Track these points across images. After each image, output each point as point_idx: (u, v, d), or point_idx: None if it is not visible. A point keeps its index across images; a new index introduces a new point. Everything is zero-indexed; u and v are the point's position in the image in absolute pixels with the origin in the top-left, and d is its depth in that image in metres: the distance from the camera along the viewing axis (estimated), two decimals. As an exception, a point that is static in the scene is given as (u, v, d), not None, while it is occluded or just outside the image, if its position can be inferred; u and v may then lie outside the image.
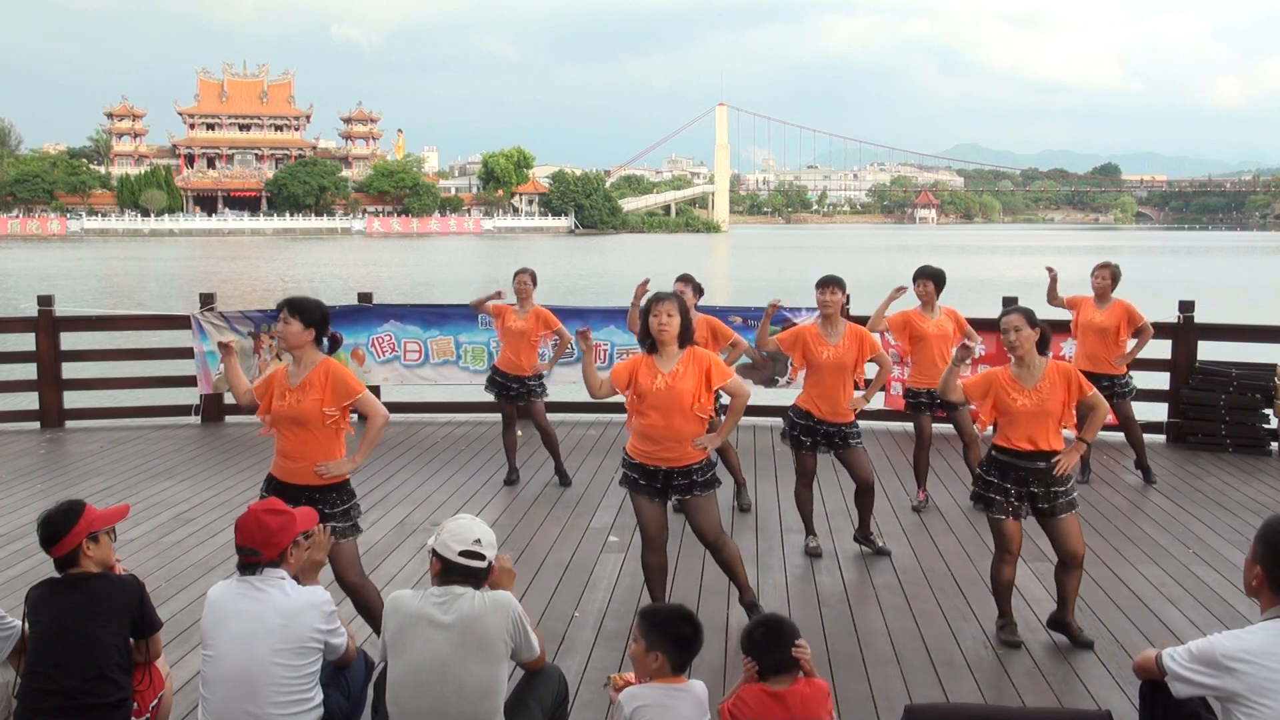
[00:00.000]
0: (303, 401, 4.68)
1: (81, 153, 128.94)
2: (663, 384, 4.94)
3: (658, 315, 4.95)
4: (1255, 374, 9.34)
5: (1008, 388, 5.00)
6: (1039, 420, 4.95)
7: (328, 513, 4.74)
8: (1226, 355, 10.04)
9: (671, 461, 5.01)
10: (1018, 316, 4.99)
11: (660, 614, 3.54)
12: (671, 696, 3.38)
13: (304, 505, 4.60)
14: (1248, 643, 3.02)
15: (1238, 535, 6.92)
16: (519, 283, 8.21)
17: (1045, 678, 4.80)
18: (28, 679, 3.55)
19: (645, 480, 5.07)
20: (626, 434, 5.22)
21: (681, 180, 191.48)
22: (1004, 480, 5.03)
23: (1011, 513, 5.04)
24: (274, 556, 3.62)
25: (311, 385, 4.70)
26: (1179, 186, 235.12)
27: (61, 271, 50.32)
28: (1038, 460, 4.97)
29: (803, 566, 6.35)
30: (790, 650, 3.42)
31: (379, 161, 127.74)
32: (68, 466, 8.95)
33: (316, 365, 4.75)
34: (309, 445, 4.72)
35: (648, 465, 5.05)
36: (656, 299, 5.04)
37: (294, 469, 4.75)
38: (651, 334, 4.98)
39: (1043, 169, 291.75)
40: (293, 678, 3.51)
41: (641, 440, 5.07)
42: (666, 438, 4.99)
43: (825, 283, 6.40)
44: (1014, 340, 4.96)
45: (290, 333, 4.72)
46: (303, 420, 4.69)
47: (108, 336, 14.67)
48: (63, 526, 3.65)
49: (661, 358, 5.01)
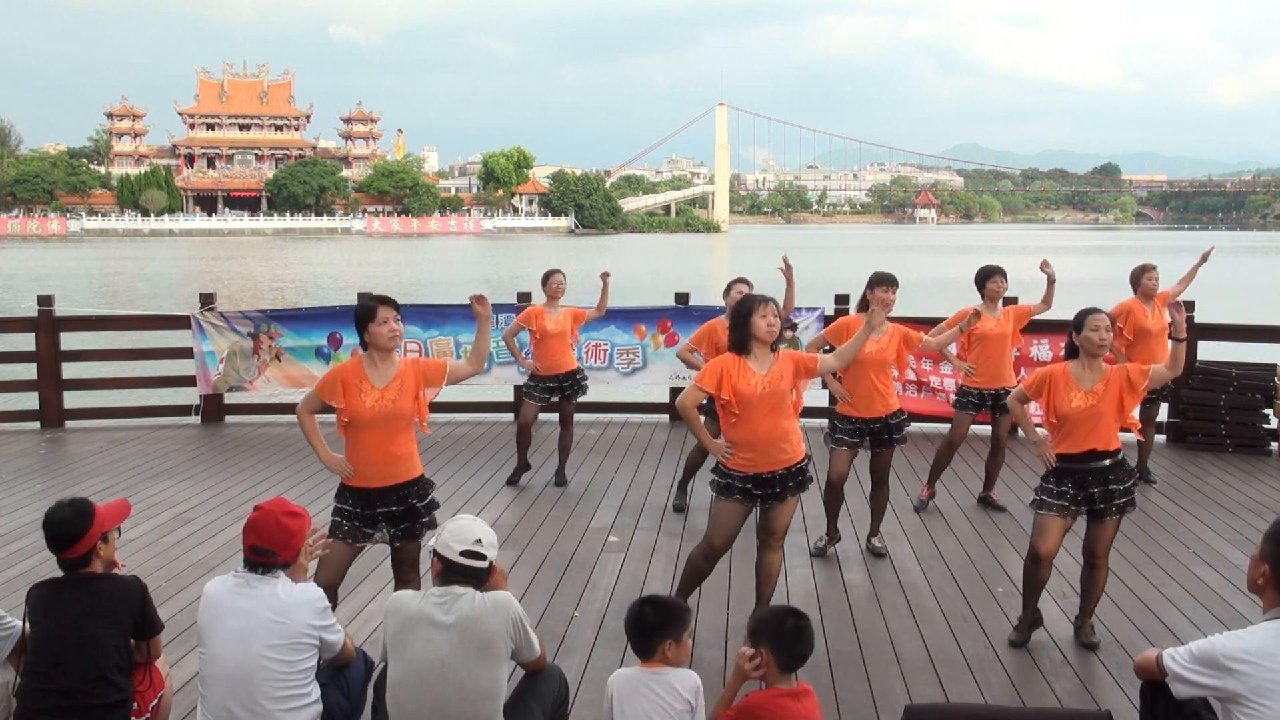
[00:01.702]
0: (400, 398, 4.66)
1: (81, 153, 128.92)
2: (764, 386, 4.82)
3: (765, 315, 4.83)
4: (1255, 374, 9.34)
5: (1064, 386, 4.94)
6: (1092, 421, 4.88)
7: (420, 506, 4.77)
8: (1226, 355, 10.03)
9: (785, 462, 4.92)
10: (1104, 317, 4.93)
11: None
12: (650, 679, 3.37)
13: (396, 507, 4.69)
14: (1248, 643, 3.02)
15: (1238, 535, 6.92)
16: (554, 283, 8.16)
17: (1045, 678, 4.80)
18: (28, 679, 3.55)
19: (759, 488, 4.92)
20: (625, 435, 5.20)
21: (681, 180, 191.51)
22: (1061, 484, 4.97)
23: (1060, 511, 4.97)
24: (289, 559, 3.62)
25: (405, 378, 4.69)
26: (1179, 186, 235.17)
27: (53, 272, 50.11)
28: (1094, 460, 4.91)
29: (803, 567, 6.35)
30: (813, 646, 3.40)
31: (379, 161, 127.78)
32: (68, 466, 8.95)
33: (401, 361, 4.75)
34: (397, 446, 4.69)
35: (762, 474, 4.90)
36: (760, 300, 4.90)
37: (383, 472, 4.70)
38: (758, 335, 4.83)
39: (1043, 169, 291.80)
40: (288, 673, 3.50)
41: (746, 450, 4.88)
42: (775, 439, 4.88)
43: (882, 281, 6.35)
44: (1103, 339, 4.87)
45: (400, 332, 4.72)
46: (399, 415, 4.66)
47: (108, 336, 14.66)
48: (78, 529, 3.63)
49: (754, 359, 4.88)
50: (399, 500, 4.71)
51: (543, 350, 8.12)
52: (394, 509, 4.72)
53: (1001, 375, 7.39)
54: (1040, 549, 5.01)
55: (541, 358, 8.14)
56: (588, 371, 10.37)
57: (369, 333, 4.69)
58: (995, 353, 7.37)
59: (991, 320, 7.36)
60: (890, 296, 6.33)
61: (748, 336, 4.86)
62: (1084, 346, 4.94)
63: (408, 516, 4.75)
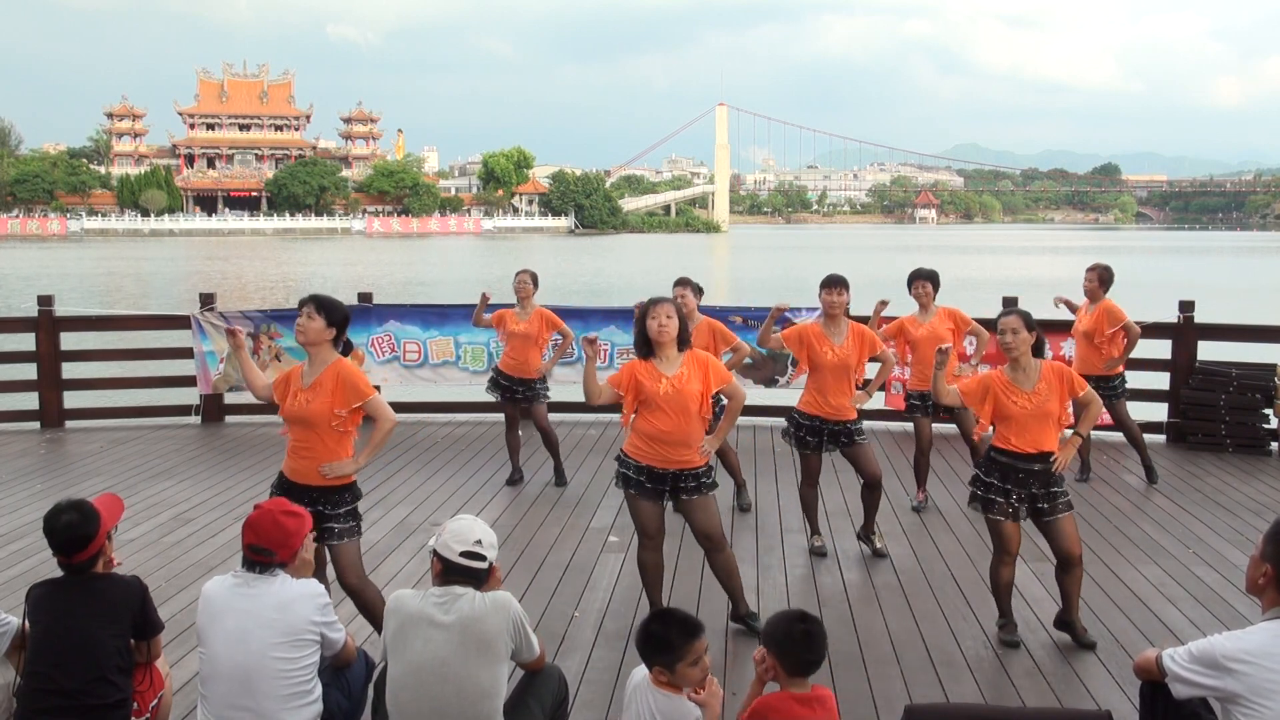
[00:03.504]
0: (312, 402, 4.68)
1: (81, 153, 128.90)
2: (669, 387, 4.92)
3: (656, 317, 4.95)
4: (1255, 374, 9.33)
5: (1006, 391, 4.99)
6: (1038, 421, 4.95)
7: (329, 513, 4.74)
8: (1226, 355, 10.04)
9: (680, 464, 5.00)
10: (1015, 318, 4.98)
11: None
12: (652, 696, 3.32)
13: (307, 505, 4.61)
14: (1248, 643, 3.02)
15: (1238, 535, 6.92)
16: (519, 283, 8.18)
17: (1045, 678, 4.80)
18: (28, 679, 3.55)
19: (652, 482, 5.04)
20: (625, 435, 5.20)
21: (681, 180, 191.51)
22: (1004, 482, 5.02)
23: (1010, 514, 5.04)
24: (287, 558, 3.62)
25: (322, 386, 4.70)
26: (1179, 186, 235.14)
27: (43, 272, 50.03)
28: (1036, 461, 4.97)
29: (803, 567, 6.35)
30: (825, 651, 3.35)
31: (379, 161, 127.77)
32: (68, 466, 8.95)
33: (329, 366, 4.74)
34: (316, 446, 4.71)
35: (655, 468, 5.01)
36: (654, 302, 5.02)
37: (301, 469, 4.75)
38: (650, 336, 4.97)
39: (1043, 169, 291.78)
40: (290, 670, 3.50)
41: (648, 442, 5.01)
42: (676, 440, 4.97)
43: (831, 283, 6.41)
44: (1010, 342, 4.96)
45: (312, 328, 4.71)
46: (311, 421, 4.68)
47: (108, 336, 14.66)
48: (88, 532, 3.62)
49: (661, 361, 4.99)
50: (310, 502, 4.66)
51: (507, 349, 8.26)
52: (315, 508, 4.69)
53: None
54: (1006, 553, 5.10)
55: (506, 353, 8.27)
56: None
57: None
58: (928, 356, 7.38)
59: (924, 325, 7.45)
60: (834, 298, 6.36)
61: (643, 340, 5.00)
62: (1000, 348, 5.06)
63: (318, 520, 4.67)
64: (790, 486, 8.15)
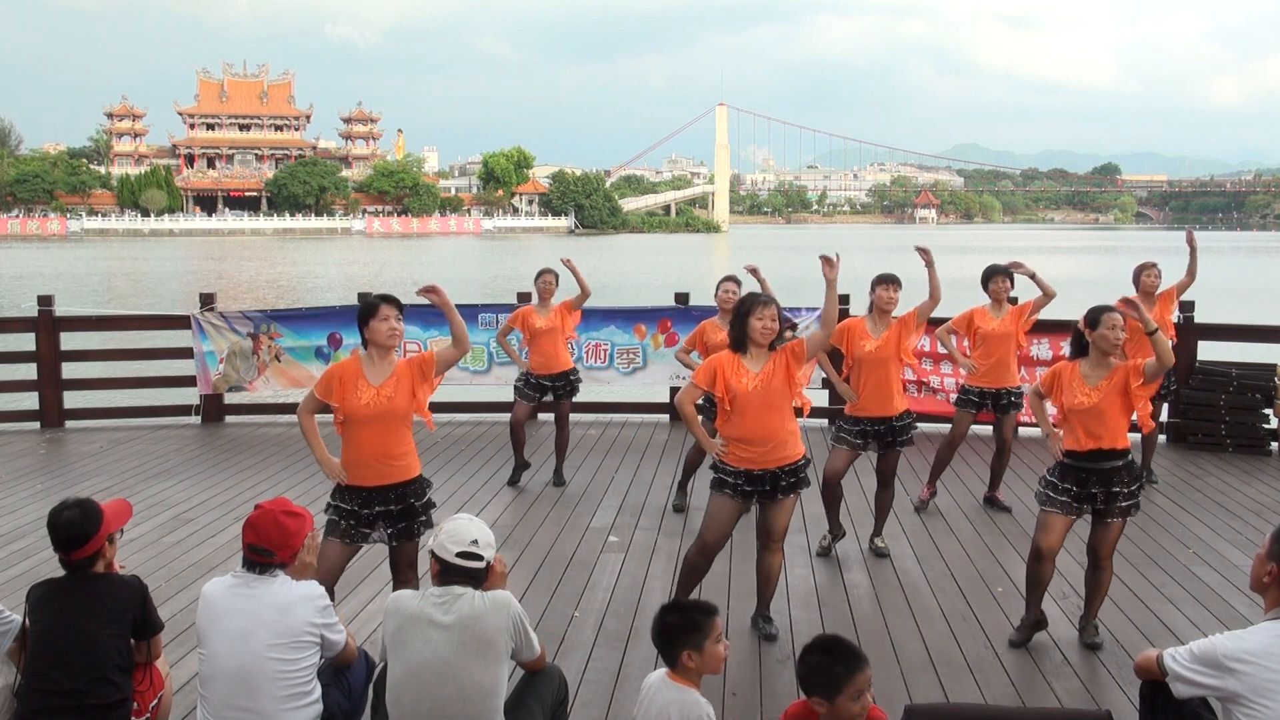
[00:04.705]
0: (395, 398, 4.65)
1: (81, 153, 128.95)
2: (758, 383, 4.86)
3: (762, 318, 4.88)
4: (1255, 374, 9.34)
5: (1071, 383, 4.95)
6: (1096, 418, 4.88)
7: (418, 505, 4.76)
8: (1226, 355, 10.04)
9: (779, 461, 4.95)
10: (1120, 315, 4.91)
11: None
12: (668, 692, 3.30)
13: (393, 506, 4.68)
14: (1249, 643, 3.02)
15: (1238, 535, 6.92)
16: (543, 283, 8.20)
17: (1045, 678, 4.80)
18: (29, 679, 3.55)
19: (752, 485, 4.96)
20: (625, 435, 5.20)
21: (681, 180, 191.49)
22: (1063, 480, 4.97)
23: (1062, 508, 4.96)
24: (287, 558, 3.62)
25: (400, 380, 4.68)
26: (1179, 186, 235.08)
27: (43, 272, 49.92)
28: (1099, 460, 4.91)
29: (803, 567, 6.35)
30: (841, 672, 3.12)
31: (379, 161, 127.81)
32: (68, 466, 8.95)
33: (399, 362, 4.75)
34: (393, 445, 4.68)
35: (754, 470, 4.94)
36: (760, 301, 4.94)
37: (379, 472, 4.69)
38: (753, 335, 4.89)
39: (1043, 169, 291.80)
40: (290, 671, 3.50)
41: (741, 446, 4.94)
42: (769, 437, 4.92)
43: (884, 280, 6.42)
44: (1117, 338, 4.87)
45: (401, 330, 4.73)
46: (394, 415, 4.65)
47: (108, 336, 14.66)
48: (88, 529, 3.62)
49: (750, 357, 4.93)
50: (396, 499, 4.71)
51: (534, 349, 8.18)
52: (391, 508, 4.71)
53: (1004, 375, 7.40)
54: (1042, 545, 5.02)
55: (533, 356, 8.19)
56: (588, 371, 10.42)
57: (369, 329, 4.69)
58: (998, 352, 7.37)
59: (995, 320, 7.37)
60: (893, 294, 6.41)
61: (744, 336, 4.92)
62: (1098, 344, 4.92)
63: (405, 516, 4.74)
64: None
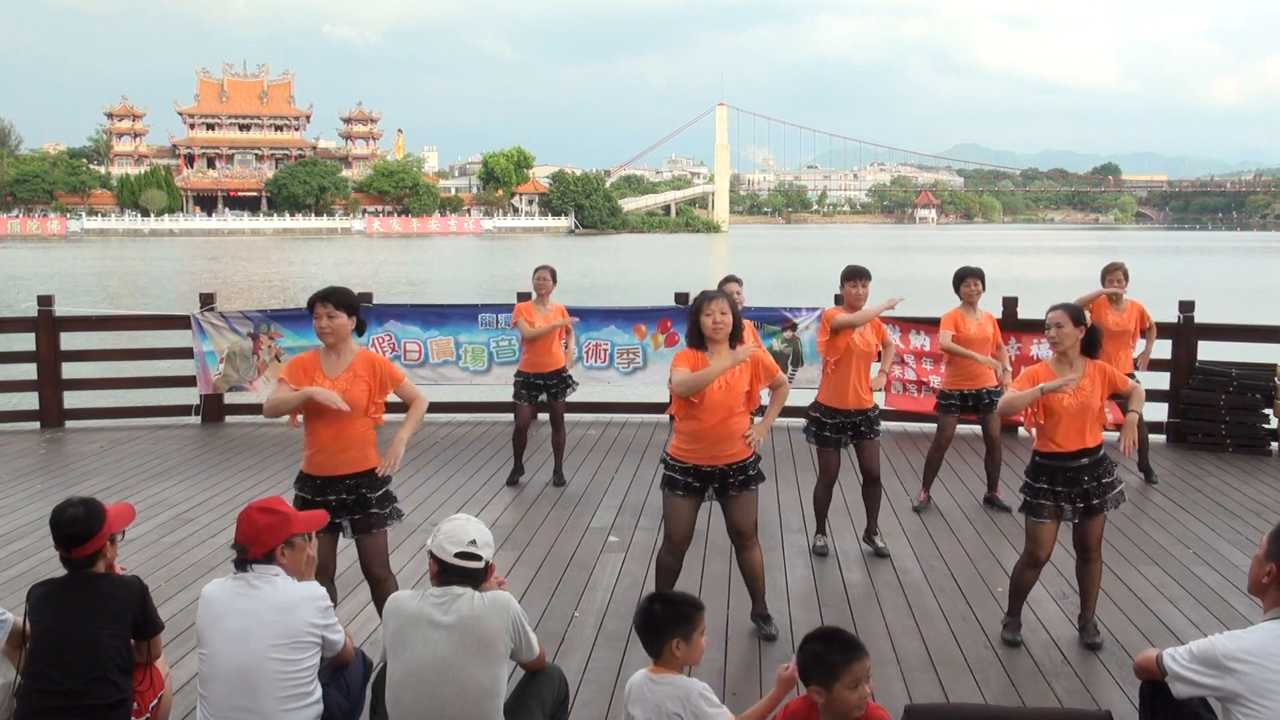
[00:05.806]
0: (350, 390, 4.67)
1: (81, 153, 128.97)
2: (720, 382, 4.88)
3: (710, 314, 4.89)
4: (1255, 374, 9.33)
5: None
6: (1081, 417, 4.93)
7: (372, 498, 4.76)
8: (1226, 355, 10.04)
9: (728, 459, 4.98)
10: (1061, 313, 4.98)
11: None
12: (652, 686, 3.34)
13: (346, 496, 4.68)
14: (1248, 643, 3.02)
15: (1238, 535, 6.92)
16: (539, 279, 8.18)
17: (1045, 678, 4.80)
18: (28, 679, 3.55)
19: (700, 481, 5.00)
20: (625, 435, 5.20)
21: (681, 180, 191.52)
22: (1053, 484, 4.99)
23: (1055, 514, 5.00)
24: (259, 555, 3.61)
25: (357, 374, 4.71)
26: (1179, 186, 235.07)
27: (34, 272, 49.83)
28: (1084, 457, 4.95)
29: (803, 567, 6.35)
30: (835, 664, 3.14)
31: (379, 161, 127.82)
32: (68, 466, 8.95)
33: (357, 354, 4.77)
34: (348, 434, 4.70)
35: (702, 466, 4.98)
36: (708, 297, 4.97)
37: (334, 460, 4.72)
38: (704, 332, 4.91)
39: (1043, 169, 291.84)
40: (290, 672, 3.50)
41: (693, 441, 4.97)
42: (723, 437, 4.94)
43: (853, 275, 6.45)
44: (1054, 336, 4.96)
45: (338, 326, 4.71)
46: (350, 405, 4.65)
47: (108, 336, 14.66)
48: (91, 528, 3.63)
49: (712, 355, 4.93)
50: (348, 489, 4.71)
51: (529, 347, 8.18)
52: (345, 497, 4.72)
53: (982, 375, 7.46)
54: (1039, 555, 5.07)
55: (528, 354, 8.20)
56: (588, 371, 10.43)
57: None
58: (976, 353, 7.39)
59: (974, 322, 7.42)
60: (860, 290, 6.42)
61: (697, 334, 4.95)
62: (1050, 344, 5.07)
63: (359, 506, 4.74)
64: (790, 487, 8.15)
